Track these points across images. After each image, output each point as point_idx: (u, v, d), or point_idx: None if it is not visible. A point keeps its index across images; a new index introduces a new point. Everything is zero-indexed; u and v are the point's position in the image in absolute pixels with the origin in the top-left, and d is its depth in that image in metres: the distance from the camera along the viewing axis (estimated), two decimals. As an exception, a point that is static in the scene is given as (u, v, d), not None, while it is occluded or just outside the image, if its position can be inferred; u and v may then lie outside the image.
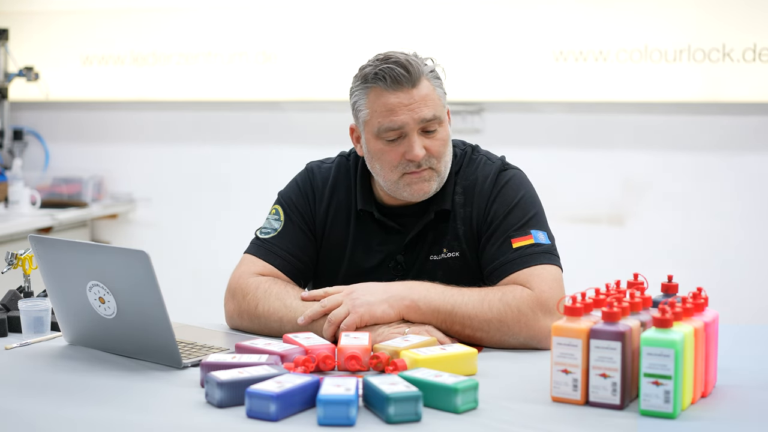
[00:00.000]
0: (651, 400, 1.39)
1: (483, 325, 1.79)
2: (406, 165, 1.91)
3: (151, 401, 1.50)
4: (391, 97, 1.90)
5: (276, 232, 2.05)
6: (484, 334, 1.80)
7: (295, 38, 4.20)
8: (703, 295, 1.55)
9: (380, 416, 1.39)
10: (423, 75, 1.92)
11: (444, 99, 1.96)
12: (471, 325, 1.79)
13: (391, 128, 1.90)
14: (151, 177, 4.50)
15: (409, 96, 1.89)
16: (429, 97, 1.91)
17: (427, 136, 1.92)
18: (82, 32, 4.47)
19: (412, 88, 1.90)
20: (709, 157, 3.86)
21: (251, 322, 1.93)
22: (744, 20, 3.71)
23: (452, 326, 1.80)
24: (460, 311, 1.79)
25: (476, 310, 1.79)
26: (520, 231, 1.92)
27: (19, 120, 4.59)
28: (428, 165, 1.92)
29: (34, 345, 1.84)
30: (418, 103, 1.89)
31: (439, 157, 1.93)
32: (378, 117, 1.91)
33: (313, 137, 4.21)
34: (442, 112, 1.94)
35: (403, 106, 1.89)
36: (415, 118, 1.89)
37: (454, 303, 1.80)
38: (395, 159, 1.92)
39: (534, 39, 3.93)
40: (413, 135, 1.90)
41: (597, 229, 3.98)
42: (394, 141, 1.92)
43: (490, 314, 1.79)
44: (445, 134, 1.95)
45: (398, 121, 1.89)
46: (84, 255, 1.71)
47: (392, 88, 1.89)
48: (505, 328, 1.79)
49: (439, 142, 1.93)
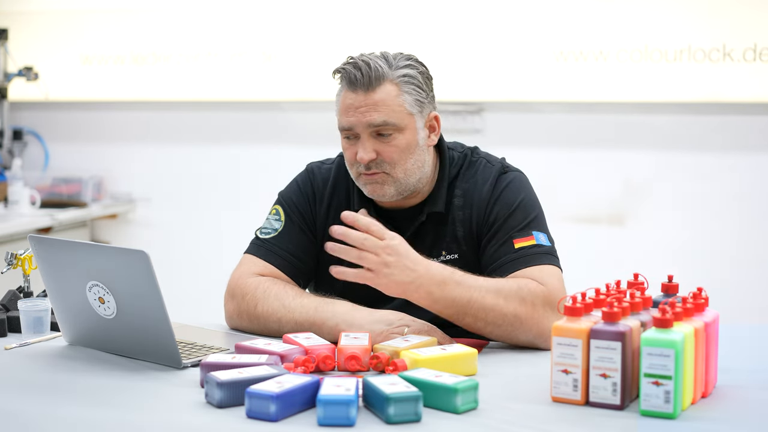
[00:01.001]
0: (651, 401, 1.39)
1: (497, 319, 1.76)
2: (358, 165, 1.93)
3: (151, 401, 1.50)
4: (347, 97, 1.92)
5: (276, 233, 2.05)
6: (495, 328, 1.77)
7: (295, 38, 4.21)
8: (704, 295, 1.55)
9: (380, 416, 1.39)
10: (385, 79, 1.89)
11: (414, 106, 1.91)
12: (485, 319, 1.76)
13: (344, 127, 1.93)
14: (151, 177, 4.50)
15: (363, 98, 1.89)
16: (384, 102, 1.89)
17: (382, 140, 1.91)
18: (82, 32, 4.47)
19: (366, 91, 1.89)
20: (709, 157, 3.86)
21: (250, 322, 1.93)
22: (744, 20, 3.71)
23: (464, 319, 1.77)
24: (476, 304, 1.76)
25: (492, 303, 1.76)
26: (523, 232, 1.92)
27: (18, 120, 4.59)
28: (380, 169, 1.92)
29: (33, 345, 1.84)
30: (368, 107, 1.89)
31: (393, 163, 1.91)
32: (338, 114, 1.95)
33: (312, 137, 4.21)
34: (401, 119, 1.90)
35: (353, 108, 1.90)
36: (363, 122, 1.89)
37: (471, 297, 1.75)
38: (351, 157, 1.94)
39: (534, 39, 3.93)
40: (364, 137, 1.91)
41: (597, 229, 3.98)
42: (350, 139, 1.94)
43: (506, 308, 1.76)
44: (404, 142, 1.91)
45: (347, 122, 1.91)
46: (84, 255, 1.71)
47: (349, 88, 1.92)
48: (518, 323, 1.77)
49: (393, 149, 1.90)
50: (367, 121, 1.89)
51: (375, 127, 1.89)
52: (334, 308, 1.84)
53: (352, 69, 1.90)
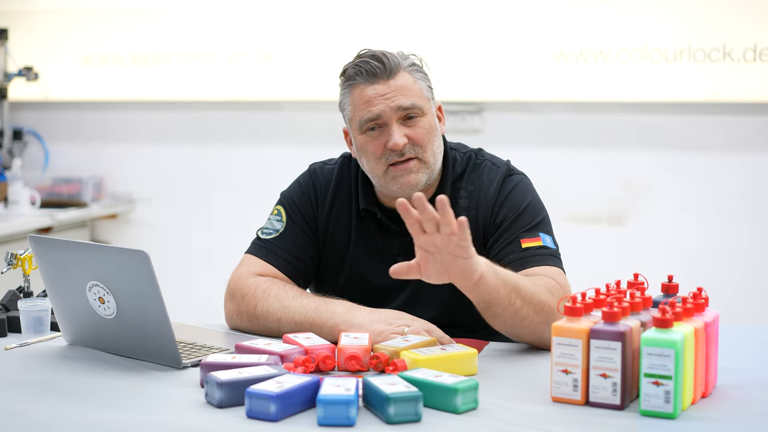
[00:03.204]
0: (651, 401, 1.39)
1: (538, 307, 1.73)
2: (389, 155, 1.92)
3: (151, 401, 1.50)
4: (368, 90, 1.92)
5: (277, 233, 2.05)
6: (535, 317, 1.72)
7: (295, 38, 4.21)
8: (704, 295, 1.55)
9: (380, 416, 1.39)
10: (401, 67, 1.94)
11: (428, 92, 1.97)
12: (531, 303, 1.72)
13: (370, 119, 1.92)
14: (151, 177, 4.49)
15: (385, 86, 1.92)
16: (407, 87, 1.93)
17: (409, 125, 1.93)
18: (81, 32, 4.47)
19: (388, 79, 1.92)
20: (709, 157, 3.86)
21: (250, 322, 1.93)
22: (744, 20, 3.71)
23: (515, 301, 1.70)
24: (523, 288, 1.72)
25: (534, 289, 1.73)
26: (530, 232, 1.93)
27: (18, 120, 4.59)
28: (413, 154, 1.92)
29: (33, 345, 1.84)
30: (394, 92, 1.91)
31: (424, 146, 1.93)
32: (359, 111, 1.94)
33: (313, 137, 4.21)
34: (424, 103, 1.94)
35: (379, 96, 1.91)
36: (391, 107, 1.91)
37: (518, 279, 1.72)
38: (378, 150, 1.93)
39: (534, 39, 3.93)
40: (392, 124, 1.91)
41: (597, 229, 3.98)
42: (375, 132, 1.93)
43: (544, 297, 1.74)
44: (428, 124, 1.94)
45: (375, 110, 1.91)
46: (84, 255, 1.71)
47: (369, 81, 1.92)
48: (552, 315, 1.72)
49: (422, 131, 1.93)
50: (397, 104, 1.91)
51: (404, 110, 1.91)
52: (334, 308, 1.84)
53: (371, 60, 1.92)
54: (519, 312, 1.72)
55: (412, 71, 1.95)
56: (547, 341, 1.75)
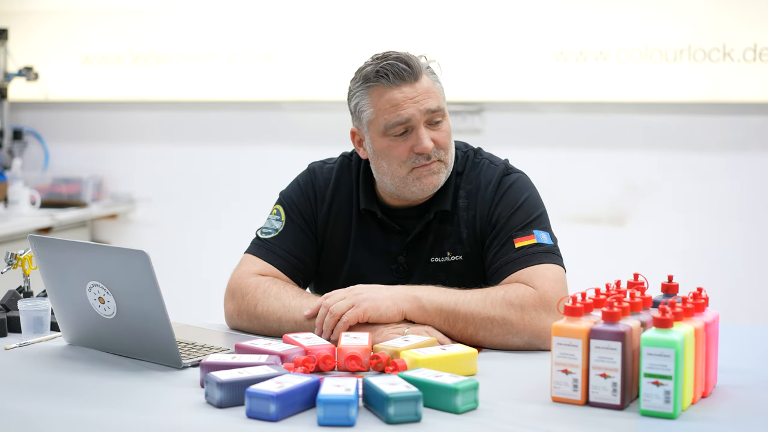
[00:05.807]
0: (651, 401, 1.39)
1: (486, 323, 1.78)
2: (416, 159, 1.92)
3: (151, 401, 1.50)
4: (395, 93, 1.91)
5: (277, 233, 2.05)
6: (487, 333, 1.79)
7: (295, 38, 4.20)
8: (704, 295, 1.55)
9: (380, 416, 1.39)
10: (422, 70, 1.94)
11: (443, 93, 1.98)
12: (474, 323, 1.79)
13: (399, 123, 1.91)
14: (151, 177, 4.49)
15: (413, 89, 1.91)
16: (431, 89, 1.93)
17: (433, 128, 1.93)
18: (81, 32, 4.47)
19: (415, 82, 1.92)
20: (709, 157, 3.86)
21: (250, 322, 1.93)
22: (744, 20, 3.71)
23: (455, 325, 1.79)
24: (463, 309, 1.79)
25: (479, 307, 1.79)
26: (523, 231, 1.93)
27: (18, 120, 4.59)
28: (437, 157, 1.94)
29: (33, 345, 1.84)
30: (422, 96, 1.91)
31: (446, 149, 1.95)
32: (384, 114, 1.92)
33: (313, 137, 4.21)
34: (444, 106, 1.96)
35: (408, 100, 1.91)
36: (421, 110, 1.91)
37: (457, 301, 1.80)
38: (404, 154, 1.92)
39: (534, 39, 3.93)
40: (420, 128, 1.91)
41: (597, 229, 3.98)
42: (401, 136, 1.92)
43: (493, 312, 1.78)
44: (448, 127, 1.97)
45: (405, 114, 1.90)
46: (84, 255, 1.71)
47: (395, 83, 1.91)
48: (509, 326, 1.79)
49: (445, 134, 1.95)
50: (426, 108, 1.91)
51: (431, 113, 1.92)
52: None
53: (397, 62, 1.91)
54: (464, 332, 1.80)
55: (429, 73, 1.96)
56: (518, 347, 1.81)
